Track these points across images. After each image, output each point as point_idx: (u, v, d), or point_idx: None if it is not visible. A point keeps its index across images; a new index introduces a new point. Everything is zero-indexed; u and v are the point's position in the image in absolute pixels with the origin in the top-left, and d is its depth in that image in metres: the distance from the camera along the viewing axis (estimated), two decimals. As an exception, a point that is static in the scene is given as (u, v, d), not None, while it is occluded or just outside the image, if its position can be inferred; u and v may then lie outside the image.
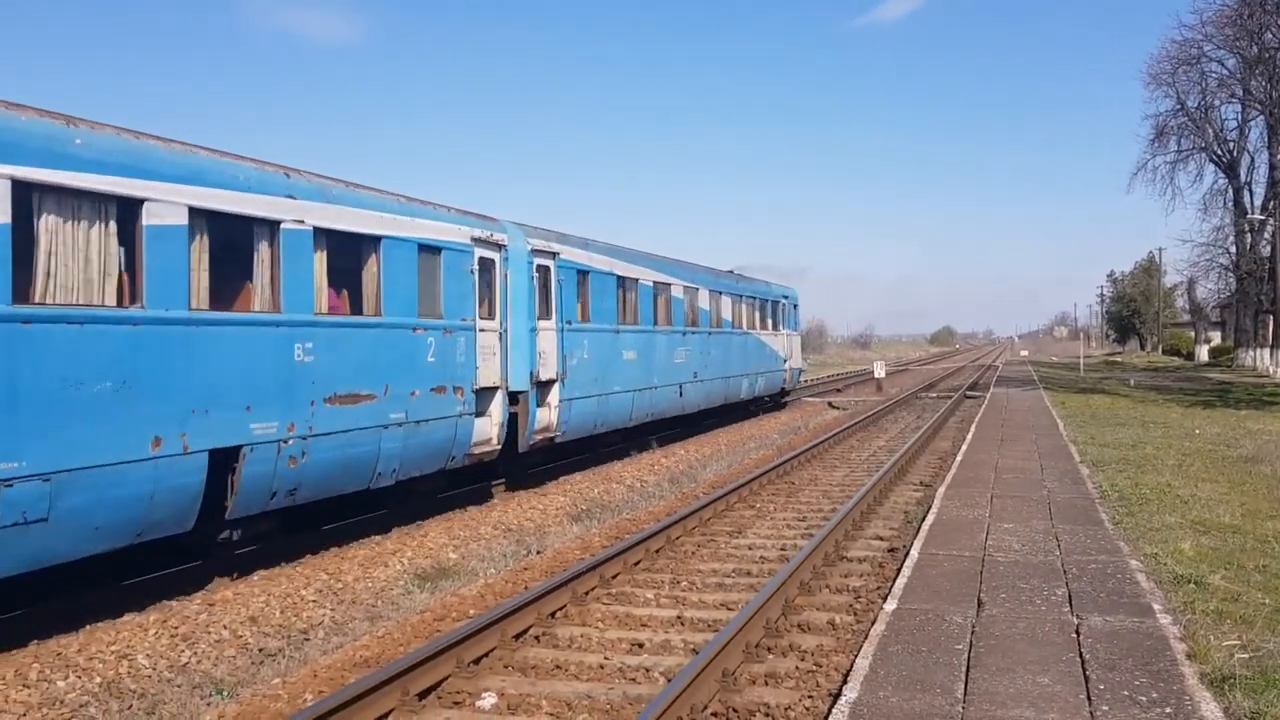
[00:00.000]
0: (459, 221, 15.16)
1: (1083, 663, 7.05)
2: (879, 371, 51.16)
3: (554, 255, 18.18)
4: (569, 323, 18.59)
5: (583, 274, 19.48)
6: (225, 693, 8.20)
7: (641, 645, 8.70)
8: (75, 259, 9.01)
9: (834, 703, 6.48)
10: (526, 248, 17.18)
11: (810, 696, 7.35)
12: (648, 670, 8.05)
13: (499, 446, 16.15)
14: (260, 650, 9.21)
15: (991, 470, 17.13)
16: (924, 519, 12.85)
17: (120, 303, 9.45)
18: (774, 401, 36.90)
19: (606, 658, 8.42)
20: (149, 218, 9.66)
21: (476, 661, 8.19)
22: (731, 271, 32.66)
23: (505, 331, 16.32)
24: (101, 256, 9.25)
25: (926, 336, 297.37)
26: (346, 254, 12.80)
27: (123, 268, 9.62)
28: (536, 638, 9.02)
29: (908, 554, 10.79)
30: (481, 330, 15.58)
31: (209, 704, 7.93)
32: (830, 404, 39.45)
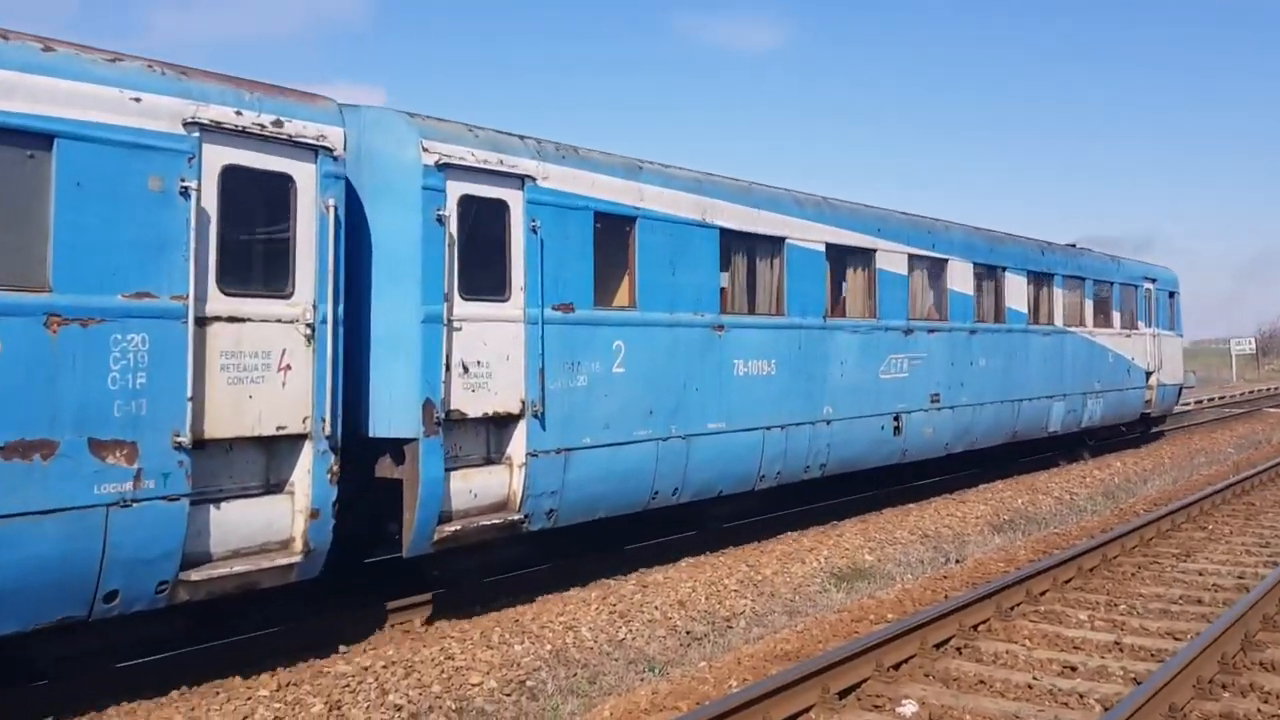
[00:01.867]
0: (124, 82, 7.04)
1: None
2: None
3: (521, 181, 9.63)
4: (565, 307, 9.94)
5: (616, 221, 10.69)
6: (657, 670, 8.29)
7: (1074, 668, 8.03)
8: None
9: (1305, 754, 5.69)
10: (419, 159, 8.78)
11: (1277, 743, 6.66)
12: (1081, 696, 7.38)
13: (305, 554, 7.87)
14: (688, 633, 9.40)
15: None
16: None
17: None
18: (1134, 434, 25.26)
19: (1035, 678, 7.76)
20: None
21: (896, 667, 7.86)
22: (1074, 245, 21.99)
23: (324, 322, 8.03)
24: None
25: None
26: None
27: None
28: (958, 649, 8.54)
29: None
30: (222, 319, 7.42)
31: (642, 679, 8.02)
32: (1300, 416, 34.35)
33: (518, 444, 9.58)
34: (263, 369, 7.64)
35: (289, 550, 7.85)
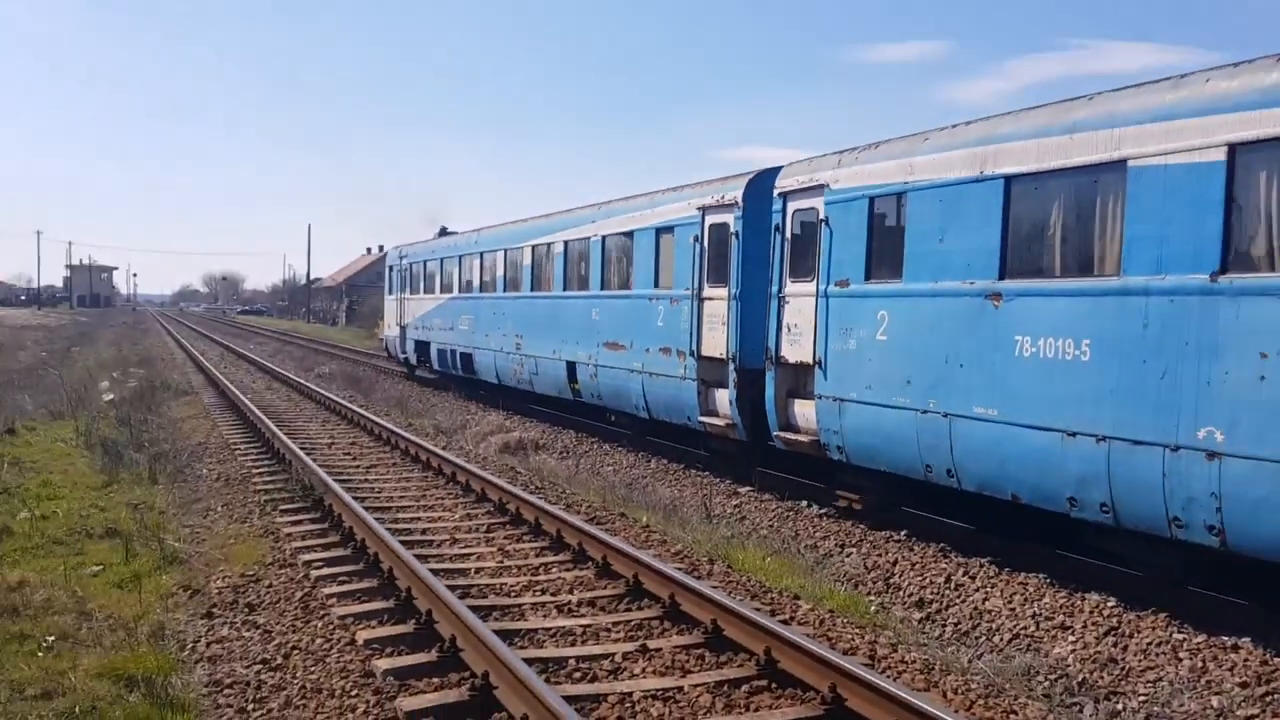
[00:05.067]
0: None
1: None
2: None
3: (821, 189, 12.48)
4: (842, 283, 12.13)
5: (886, 199, 11.18)
6: None
7: None
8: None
9: None
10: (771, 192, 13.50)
11: None
12: None
13: (732, 422, 14.60)
14: None
15: None
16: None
17: None
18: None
19: None
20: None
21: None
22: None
23: (732, 299, 14.39)
24: None
25: None
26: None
27: None
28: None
29: None
30: (701, 299, 15.09)
31: None
32: None
33: (812, 387, 12.72)
34: (719, 324, 14.88)
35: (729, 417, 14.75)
